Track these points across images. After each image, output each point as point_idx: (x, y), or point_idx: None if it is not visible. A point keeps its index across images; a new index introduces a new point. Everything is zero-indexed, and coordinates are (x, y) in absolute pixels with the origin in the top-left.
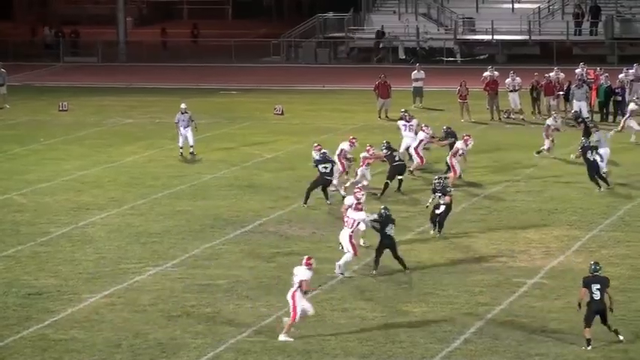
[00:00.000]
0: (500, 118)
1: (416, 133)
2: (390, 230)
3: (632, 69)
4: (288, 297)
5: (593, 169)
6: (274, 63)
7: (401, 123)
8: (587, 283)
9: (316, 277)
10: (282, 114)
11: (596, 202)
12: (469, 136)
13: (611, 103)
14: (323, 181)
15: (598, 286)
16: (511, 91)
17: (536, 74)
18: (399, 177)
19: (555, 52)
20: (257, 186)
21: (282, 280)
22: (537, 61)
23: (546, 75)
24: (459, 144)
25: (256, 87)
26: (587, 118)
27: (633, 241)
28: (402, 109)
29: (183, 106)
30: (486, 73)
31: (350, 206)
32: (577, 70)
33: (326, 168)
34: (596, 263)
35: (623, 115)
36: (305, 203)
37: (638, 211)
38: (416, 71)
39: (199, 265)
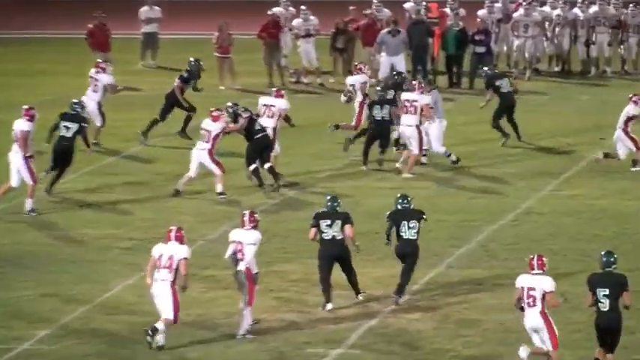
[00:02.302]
0: (283, 83)
1: None
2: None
3: (498, 1)
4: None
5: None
6: None
7: None
8: (592, 285)
9: None
10: None
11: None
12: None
13: (465, 57)
14: None
15: (606, 291)
16: (304, 36)
17: (352, 8)
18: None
19: None
20: None
21: None
22: None
23: (367, 11)
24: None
25: None
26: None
27: None
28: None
29: None
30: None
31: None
32: (407, 5)
33: None
34: (610, 253)
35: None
36: None
37: None
38: (147, 7)
39: None
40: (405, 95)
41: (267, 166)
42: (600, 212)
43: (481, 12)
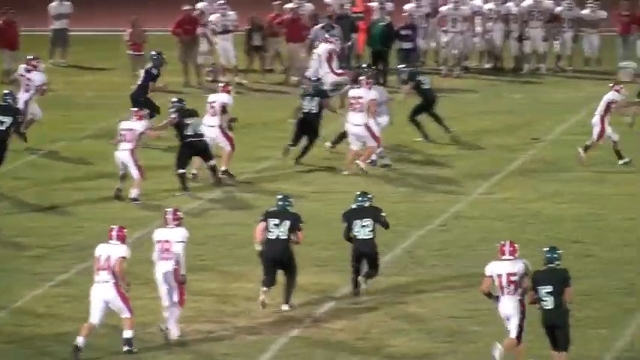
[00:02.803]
0: (199, 82)
1: None
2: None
3: None
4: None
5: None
6: None
7: None
8: (535, 282)
9: None
10: None
11: None
12: None
13: (392, 53)
14: None
15: (549, 289)
16: (221, 32)
17: (276, 3)
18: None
19: None
20: None
21: None
22: None
23: (289, 5)
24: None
25: None
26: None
27: None
28: None
29: None
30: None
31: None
32: None
33: None
34: (554, 249)
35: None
36: None
37: None
38: (57, 2)
39: None
40: (351, 92)
41: (210, 163)
42: (533, 216)
43: (408, 6)
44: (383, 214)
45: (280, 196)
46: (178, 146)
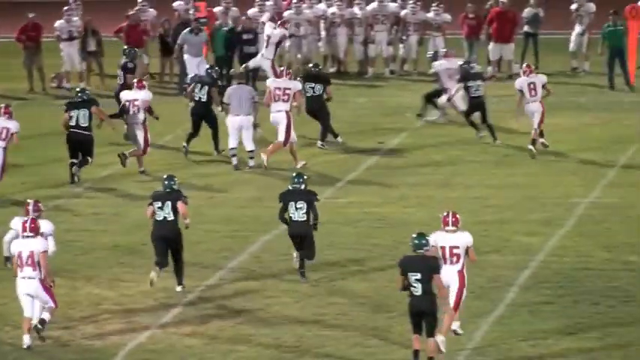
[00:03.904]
0: (44, 87)
1: None
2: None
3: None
4: None
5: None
6: None
7: None
8: (404, 269)
9: None
10: None
11: None
12: None
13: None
14: None
15: (418, 276)
16: (66, 39)
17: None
18: None
19: None
20: None
21: None
22: None
23: (130, 12)
24: None
25: None
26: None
27: None
28: None
29: None
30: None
31: None
32: (175, 4)
33: None
34: (422, 236)
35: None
36: None
37: None
38: None
39: None
40: (273, 83)
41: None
42: (379, 220)
43: (251, 11)
44: (317, 199)
45: (165, 176)
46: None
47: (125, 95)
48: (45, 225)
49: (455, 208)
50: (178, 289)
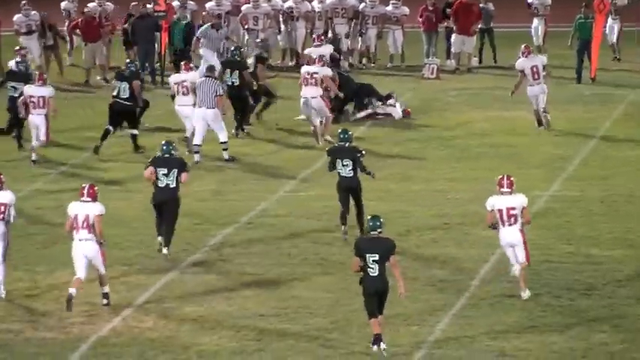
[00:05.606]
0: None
1: None
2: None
3: None
4: None
5: None
6: None
7: None
8: (360, 250)
9: None
10: None
11: None
12: None
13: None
14: None
15: (375, 257)
16: (25, 33)
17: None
18: None
19: None
20: None
21: None
22: None
23: (86, 9)
24: None
25: None
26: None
27: None
28: None
29: None
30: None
31: None
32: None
33: None
34: (376, 217)
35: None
36: None
37: None
38: None
39: None
40: (304, 68)
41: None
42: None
43: (209, 4)
44: (362, 154)
45: (164, 142)
46: None
47: (174, 78)
48: (6, 195)
49: (416, 202)
50: (164, 251)
